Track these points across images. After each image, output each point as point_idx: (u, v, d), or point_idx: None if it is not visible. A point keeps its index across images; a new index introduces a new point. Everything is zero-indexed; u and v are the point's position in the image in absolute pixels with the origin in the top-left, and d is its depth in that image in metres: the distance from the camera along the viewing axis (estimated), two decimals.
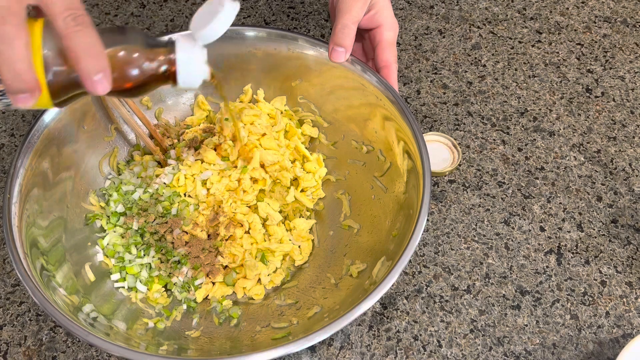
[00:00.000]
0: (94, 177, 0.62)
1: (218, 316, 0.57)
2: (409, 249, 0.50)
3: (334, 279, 0.57)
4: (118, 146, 0.65)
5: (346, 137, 0.65)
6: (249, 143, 0.63)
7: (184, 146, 0.64)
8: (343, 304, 0.52)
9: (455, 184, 0.69)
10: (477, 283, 0.61)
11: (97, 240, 0.60)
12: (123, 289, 0.58)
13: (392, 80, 0.60)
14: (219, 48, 0.65)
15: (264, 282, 0.59)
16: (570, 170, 0.70)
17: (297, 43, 0.63)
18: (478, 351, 0.57)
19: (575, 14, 0.86)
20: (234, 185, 0.62)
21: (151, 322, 0.55)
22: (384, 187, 0.60)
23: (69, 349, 0.57)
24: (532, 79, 0.79)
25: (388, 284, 0.48)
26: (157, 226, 0.59)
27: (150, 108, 0.67)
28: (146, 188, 0.62)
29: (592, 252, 0.64)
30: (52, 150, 0.57)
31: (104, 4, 0.87)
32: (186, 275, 0.58)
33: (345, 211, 0.63)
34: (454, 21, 0.85)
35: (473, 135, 0.73)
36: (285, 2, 0.88)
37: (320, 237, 0.63)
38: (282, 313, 0.56)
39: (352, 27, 0.59)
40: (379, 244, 0.56)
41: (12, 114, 0.75)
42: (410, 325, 0.59)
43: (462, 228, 0.65)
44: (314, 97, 0.66)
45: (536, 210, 0.67)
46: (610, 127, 0.74)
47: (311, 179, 0.64)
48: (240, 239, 0.60)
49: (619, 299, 0.60)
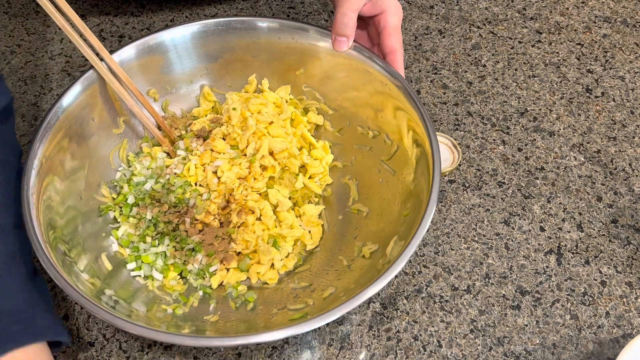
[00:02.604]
0: (105, 169, 0.63)
1: (234, 301, 0.58)
2: (422, 227, 0.50)
3: (346, 261, 0.58)
4: (127, 138, 0.65)
5: (351, 123, 0.65)
6: (258, 131, 0.63)
7: (192, 137, 0.65)
8: (357, 283, 0.52)
9: (455, 184, 0.69)
10: (477, 283, 0.61)
11: (111, 231, 0.60)
12: (140, 277, 0.58)
13: (398, 66, 0.60)
14: (223, 39, 0.66)
15: (277, 266, 0.60)
16: (570, 170, 0.70)
17: (301, 32, 0.64)
18: (478, 351, 0.57)
19: (575, 14, 0.86)
20: (244, 173, 0.62)
21: (169, 308, 0.56)
22: (391, 170, 0.60)
23: (69, 349, 0.57)
24: (532, 79, 0.79)
25: (404, 260, 0.48)
26: (170, 215, 0.60)
27: (157, 100, 0.67)
28: (157, 178, 0.63)
29: (592, 252, 0.64)
30: (64, 143, 0.57)
31: (104, 4, 0.87)
32: (201, 262, 0.59)
33: (353, 196, 0.63)
34: (454, 21, 0.85)
35: (473, 135, 0.73)
36: (285, 2, 0.88)
37: (330, 222, 0.63)
38: (297, 296, 0.56)
39: (352, 15, 0.59)
40: (390, 225, 0.57)
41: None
42: (410, 326, 0.59)
43: (462, 228, 0.65)
44: (318, 85, 0.66)
45: (536, 210, 0.67)
46: (610, 127, 0.74)
47: (318, 166, 0.65)
48: (252, 225, 0.60)
49: (619, 299, 0.60)
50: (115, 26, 0.85)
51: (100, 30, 0.84)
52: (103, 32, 0.84)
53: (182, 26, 0.64)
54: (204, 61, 0.67)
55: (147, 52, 0.63)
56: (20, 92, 0.77)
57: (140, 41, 0.63)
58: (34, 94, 0.77)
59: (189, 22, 0.65)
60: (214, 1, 0.87)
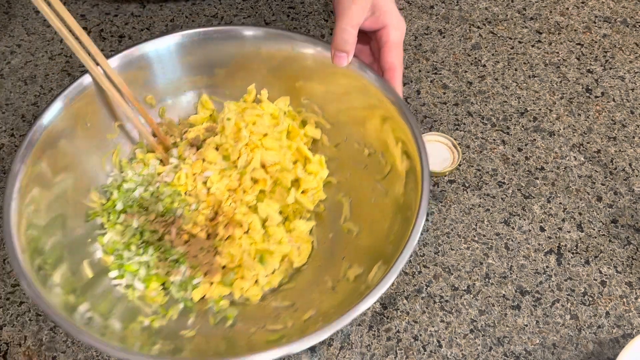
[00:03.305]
0: (96, 174, 0.62)
1: (214, 316, 0.57)
2: (404, 254, 0.49)
3: (331, 282, 0.57)
4: (121, 143, 0.65)
5: (349, 139, 0.64)
6: (251, 143, 0.62)
7: (186, 145, 0.65)
8: (338, 308, 0.51)
9: (455, 184, 0.69)
10: (477, 283, 0.61)
11: (98, 237, 0.60)
12: (121, 286, 0.58)
13: (396, 84, 0.59)
14: (225, 47, 0.65)
15: (262, 283, 0.59)
16: (570, 170, 0.70)
17: (301, 44, 0.63)
18: (478, 351, 0.57)
19: (575, 14, 0.86)
20: (235, 185, 0.62)
21: (147, 320, 0.55)
22: (384, 191, 0.60)
23: (69, 349, 0.57)
24: (532, 79, 0.79)
25: (382, 289, 0.48)
26: (156, 224, 0.60)
27: (154, 106, 0.67)
28: (147, 186, 0.62)
29: (592, 252, 0.64)
30: (53, 148, 0.57)
31: (104, 4, 0.87)
32: (184, 274, 0.58)
33: (345, 214, 0.62)
34: (454, 21, 0.85)
35: (473, 135, 0.73)
36: (285, 2, 0.88)
37: (320, 239, 0.62)
38: (278, 315, 0.56)
39: (351, 31, 0.58)
40: (377, 247, 0.56)
41: (12, 114, 0.75)
42: (410, 326, 0.59)
43: (462, 228, 0.65)
44: (318, 98, 0.66)
45: (536, 210, 0.67)
46: (610, 127, 0.74)
47: (312, 181, 0.64)
48: (239, 239, 0.59)
49: (619, 299, 0.60)
50: (115, 26, 0.85)
51: (100, 30, 0.84)
52: (103, 32, 0.84)
53: (182, 32, 0.64)
54: (205, 68, 0.66)
55: (136, 61, 0.63)
56: (20, 92, 0.77)
57: (141, 45, 0.63)
58: (34, 94, 0.77)
59: (191, 29, 0.64)
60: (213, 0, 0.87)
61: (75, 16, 0.86)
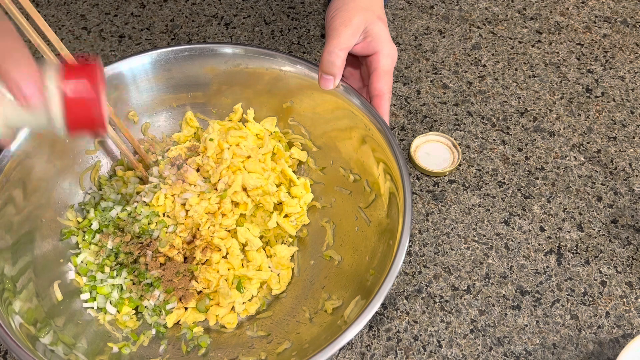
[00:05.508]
0: (74, 192, 0.61)
1: (187, 344, 0.55)
2: (382, 292, 0.48)
3: (309, 313, 0.56)
4: (101, 160, 0.64)
5: (335, 163, 0.63)
6: (232, 165, 0.61)
7: (167, 164, 0.62)
8: (313, 342, 0.51)
9: (455, 184, 0.69)
10: (477, 283, 0.61)
11: (71, 257, 0.59)
12: (92, 309, 0.57)
13: (383, 111, 0.58)
14: (210, 63, 0.63)
15: (238, 310, 0.58)
16: (570, 170, 0.70)
17: (291, 65, 0.62)
18: (478, 351, 0.57)
19: (575, 14, 0.86)
20: (213, 209, 0.60)
21: (116, 347, 0.54)
22: (367, 220, 0.58)
23: None
24: (532, 79, 0.79)
25: (356, 328, 0.47)
26: (132, 246, 0.58)
27: (137, 123, 0.66)
28: (125, 206, 0.61)
29: (592, 252, 0.64)
30: (27, 163, 0.56)
31: (104, 4, 0.87)
32: (158, 298, 0.57)
33: (328, 240, 0.61)
34: (454, 21, 0.85)
35: (473, 135, 0.73)
36: (285, 2, 0.88)
37: (301, 266, 0.61)
38: (252, 345, 0.54)
39: (339, 54, 0.57)
40: (358, 278, 0.55)
41: None
42: (410, 326, 0.59)
43: (462, 228, 0.65)
44: (305, 120, 0.64)
45: (536, 210, 0.67)
46: (610, 127, 0.74)
47: (296, 205, 0.62)
48: (217, 264, 0.58)
49: (619, 299, 0.60)
50: (115, 26, 0.85)
51: (100, 30, 0.84)
52: (103, 32, 0.84)
53: (174, 48, 0.63)
54: (189, 86, 0.65)
55: (114, 79, 0.62)
56: None
57: (116, 64, 0.62)
58: None
59: (180, 45, 0.63)
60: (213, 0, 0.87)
61: (75, 16, 0.86)
